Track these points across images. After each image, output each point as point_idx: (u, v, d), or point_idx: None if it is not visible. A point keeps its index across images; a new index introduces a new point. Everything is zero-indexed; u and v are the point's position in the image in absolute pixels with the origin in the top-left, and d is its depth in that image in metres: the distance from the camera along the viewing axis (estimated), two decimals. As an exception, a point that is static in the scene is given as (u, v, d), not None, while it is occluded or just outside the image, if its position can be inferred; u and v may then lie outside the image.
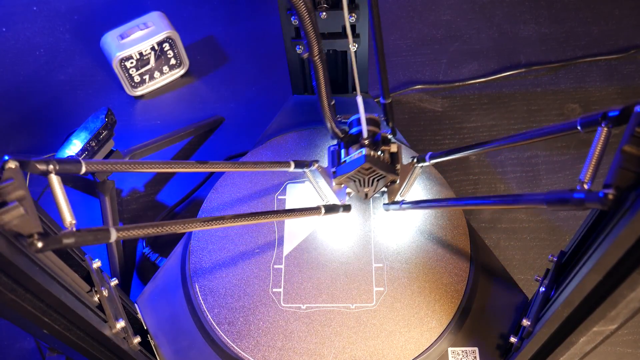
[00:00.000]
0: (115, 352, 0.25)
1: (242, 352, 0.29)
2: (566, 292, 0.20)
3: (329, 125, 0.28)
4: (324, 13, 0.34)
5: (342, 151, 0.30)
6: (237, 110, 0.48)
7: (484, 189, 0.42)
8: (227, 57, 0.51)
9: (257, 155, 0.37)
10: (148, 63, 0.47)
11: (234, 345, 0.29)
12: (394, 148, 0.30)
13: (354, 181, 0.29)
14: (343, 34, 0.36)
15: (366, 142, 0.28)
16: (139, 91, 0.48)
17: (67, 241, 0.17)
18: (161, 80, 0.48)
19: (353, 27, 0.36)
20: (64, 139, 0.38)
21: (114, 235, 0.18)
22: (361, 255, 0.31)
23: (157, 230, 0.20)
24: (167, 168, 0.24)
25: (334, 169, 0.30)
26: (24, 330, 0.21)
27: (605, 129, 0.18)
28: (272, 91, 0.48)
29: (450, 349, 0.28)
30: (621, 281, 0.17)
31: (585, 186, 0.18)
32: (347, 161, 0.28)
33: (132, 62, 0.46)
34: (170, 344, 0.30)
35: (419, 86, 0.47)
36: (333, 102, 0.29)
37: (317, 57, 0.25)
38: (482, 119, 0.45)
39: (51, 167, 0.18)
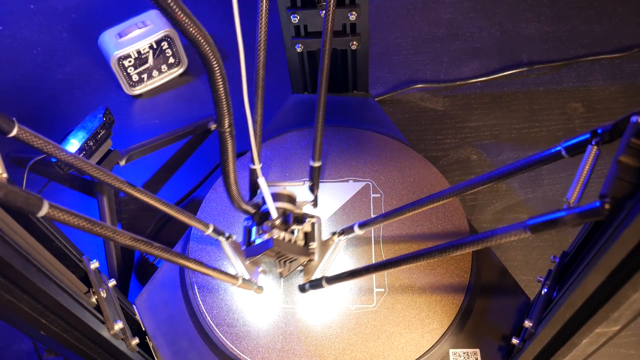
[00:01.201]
0: (113, 353, 0.25)
1: (241, 354, 0.28)
2: (569, 293, 0.20)
3: (236, 205, 0.25)
4: (324, 12, 0.34)
5: (254, 229, 0.28)
6: (236, 110, 0.48)
7: (485, 189, 0.42)
8: (226, 56, 0.51)
9: (256, 155, 0.36)
10: (146, 62, 0.46)
11: (233, 347, 0.29)
12: (307, 227, 0.28)
13: (266, 262, 0.28)
14: (343, 33, 0.36)
15: (277, 222, 0.26)
16: (137, 90, 0.48)
17: None
18: (159, 79, 0.48)
19: (353, 25, 0.36)
20: (62, 139, 0.38)
21: (45, 208, 0.17)
22: (361, 255, 0.31)
23: (89, 226, 0.19)
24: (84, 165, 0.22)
25: (244, 248, 0.28)
26: (20, 332, 0.20)
27: (595, 147, 0.18)
28: (272, 90, 0.48)
29: (451, 351, 0.28)
30: (624, 282, 0.17)
31: (572, 206, 0.17)
32: (256, 242, 0.27)
33: (130, 61, 0.46)
34: (168, 346, 0.30)
35: (420, 85, 0.47)
36: (259, 166, 0.25)
37: (227, 129, 0.21)
38: (484, 119, 0.45)
39: None
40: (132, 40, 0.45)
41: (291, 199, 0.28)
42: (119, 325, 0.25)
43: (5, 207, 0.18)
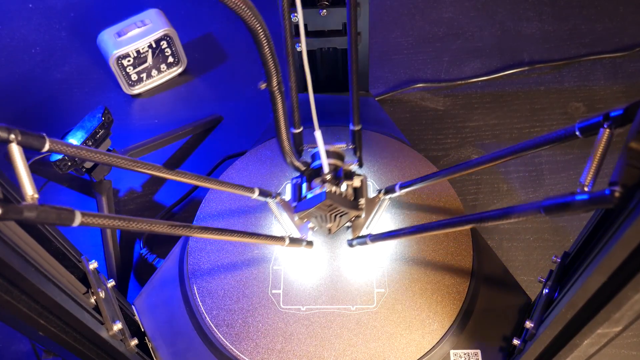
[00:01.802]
0: (112, 354, 0.25)
1: (240, 355, 0.28)
2: (570, 294, 0.20)
3: (288, 160, 0.27)
4: (324, 10, 0.34)
5: (304, 185, 0.28)
6: (235, 109, 0.48)
7: (486, 189, 0.41)
8: (226, 55, 0.50)
9: (256, 155, 0.36)
10: (145, 61, 0.46)
11: (232, 348, 0.28)
12: (357, 183, 0.28)
13: (316, 217, 0.28)
14: (343, 32, 0.35)
15: (327, 177, 0.27)
16: (136, 90, 0.47)
17: (29, 214, 0.16)
18: (159, 78, 0.48)
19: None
20: (60, 138, 0.37)
21: (78, 219, 0.17)
22: (362, 256, 0.31)
23: (122, 224, 0.19)
24: (132, 165, 0.23)
25: (294, 204, 0.29)
26: (19, 332, 0.20)
27: (608, 130, 0.18)
28: (272, 90, 0.48)
29: (452, 352, 0.28)
30: (626, 282, 0.16)
31: (586, 189, 0.17)
32: (308, 197, 0.27)
33: (129, 60, 0.45)
34: (167, 346, 0.30)
35: (421, 84, 0.46)
36: (300, 129, 0.27)
37: (275, 88, 0.23)
38: (485, 118, 0.45)
39: (12, 136, 0.17)
40: (131, 39, 0.45)
41: (341, 156, 0.28)
42: (117, 326, 0.25)
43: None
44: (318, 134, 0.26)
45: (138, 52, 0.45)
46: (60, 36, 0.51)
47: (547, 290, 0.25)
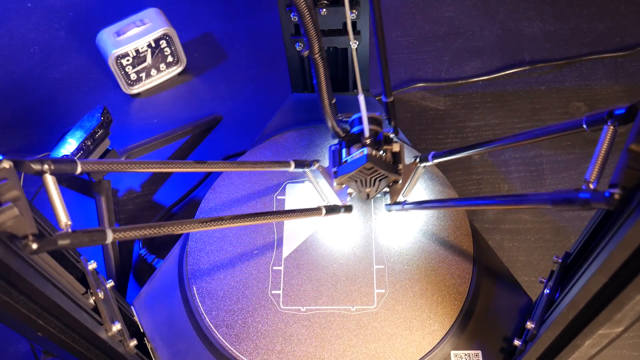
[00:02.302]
0: (111, 355, 0.25)
1: (240, 356, 0.28)
2: (571, 294, 0.20)
3: (330, 124, 0.28)
4: (324, 10, 0.33)
5: (344, 151, 0.29)
6: (235, 109, 0.48)
7: (488, 189, 0.41)
8: (226, 54, 0.50)
9: (256, 155, 0.36)
10: (145, 60, 0.46)
11: (232, 349, 0.28)
12: (396, 147, 0.29)
13: (356, 181, 0.29)
14: (343, 31, 0.35)
15: (368, 141, 0.28)
16: (136, 89, 0.47)
17: (63, 242, 0.16)
18: (158, 78, 0.48)
19: (354, 23, 0.35)
20: (59, 138, 0.37)
21: (110, 237, 0.18)
22: (362, 256, 0.31)
23: (154, 231, 0.20)
24: (164, 168, 0.24)
25: (335, 169, 0.29)
26: (18, 333, 0.20)
27: (612, 127, 0.18)
28: (271, 89, 0.48)
29: (452, 352, 0.28)
30: (627, 283, 0.16)
31: (591, 186, 0.18)
32: (349, 161, 0.28)
33: (128, 60, 0.45)
34: (167, 347, 0.30)
35: (421, 84, 0.46)
36: (334, 101, 0.28)
37: (317, 55, 0.24)
38: (486, 118, 0.44)
39: (46, 167, 0.18)
40: (130, 38, 0.44)
41: (379, 123, 0.29)
42: (117, 327, 0.25)
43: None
44: (361, 97, 0.26)
45: (137, 51, 0.45)
46: (59, 35, 0.51)
47: (548, 291, 0.25)
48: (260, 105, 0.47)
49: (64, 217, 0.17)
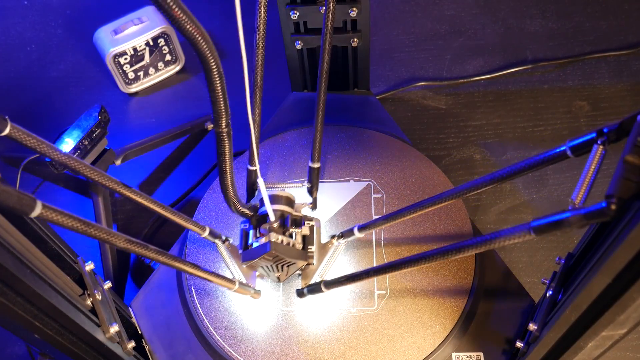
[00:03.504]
0: (109, 357, 0.25)
1: (239, 357, 0.28)
2: (574, 296, 0.20)
3: (232, 208, 0.25)
4: (324, 8, 0.33)
5: (251, 232, 0.27)
6: (234, 108, 0.47)
7: (489, 189, 0.41)
8: (224, 53, 0.50)
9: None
10: (142, 59, 0.45)
11: (231, 350, 0.28)
12: (305, 231, 0.27)
13: (263, 267, 0.27)
14: (344, 29, 0.35)
15: (274, 225, 0.26)
16: (133, 88, 0.47)
17: None
18: (156, 76, 0.47)
19: (354, 22, 0.35)
20: (56, 138, 0.37)
21: (38, 209, 0.16)
22: (362, 257, 0.30)
23: (83, 227, 0.18)
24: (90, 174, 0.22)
25: (241, 252, 0.27)
26: (14, 335, 0.20)
27: (601, 147, 0.18)
28: (271, 88, 0.47)
29: (454, 354, 0.28)
30: (631, 284, 0.16)
31: (577, 206, 0.17)
32: (254, 246, 0.26)
33: (126, 58, 0.45)
34: (165, 349, 0.29)
35: (422, 83, 0.46)
36: (256, 168, 0.25)
37: (224, 130, 0.21)
38: (488, 117, 0.44)
39: None
40: (128, 37, 0.44)
41: (289, 202, 0.27)
42: (114, 329, 0.25)
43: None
44: (260, 181, 0.25)
45: (135, 50, 0.45)
46: (56, 34, 0.51)
47: (550, 292, 0.24)
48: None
49: None
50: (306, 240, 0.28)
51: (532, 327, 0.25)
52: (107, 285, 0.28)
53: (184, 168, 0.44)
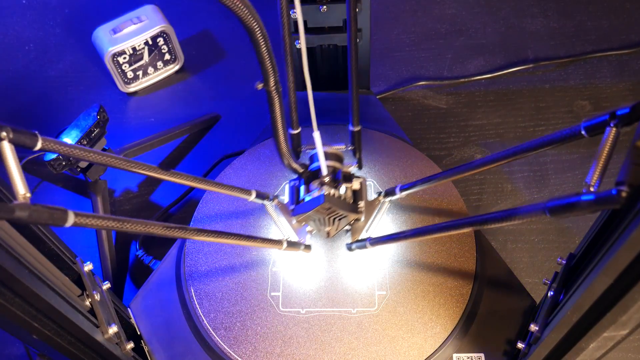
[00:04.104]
0: (108, 358, 0.25)
1: (239, 359, 0.28)
2: (575, 296, 0.20)
3: (285, 162, 0.26)
4: (324, 7, 0.33)
5: (302, 188, 0.28)
6: (234, 107, 0.47)
7: (490, 189, 0.41)
8: (224, 52, 0.50)
9: (254, 154, 0.36)
10: (141, 58, 0.45)
11: (230, 351, 0.28)
12: (356, 185, 0.27)
13: (314, 220, 0.28)
14: (343, 28, 0.35)
15: (326, 179, 0.26)
16: (132, 87, 0.47)
17: (21, 214, 0.15)
18: (155, 76, 0.47)
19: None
20: (55, 137, 0.36)
21: (71, 219, 0.17)
22: (363, 257, 0.30)
23: (118, 225, 0.19)
24: (124, 165, 0.23)
25: (292, 207, 0.28)
26: (12, 336, 0.20)
27: (614, 129, 0.18)
28: (271, 87, 0.47)
29: (455, 355, 0.28)
30: (633, 284, 0.16)
31: (592, 189, 0.17)
32: (306, 200, 0.26)
33: (124, 58, 0.44)
34: (164, 350, 0.29)
35: (423, 82, 0.46)
36: (299, 130, 0.27)
37: (273, 88, 0.22)
38: (489, 117, 0.44)
39: (4, 134, 0.17)
40: (127, 36, 0.44)
41: (339, 158, 0.28)
42: (113, 329, 0.24)
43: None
44: (317, 135, 0.25)
45: (134, 49, 0.44)
46: (55, 33, 0.50)
47: (552, 293, 0.24)
48: (259, 103, 0.46)
49: (22, 189, 0.16)
50: (356, 195, 0.28)
51: (533, 327, 0.24)
52: (106, 285, 0.27)
53: (183, 168, 0.44)
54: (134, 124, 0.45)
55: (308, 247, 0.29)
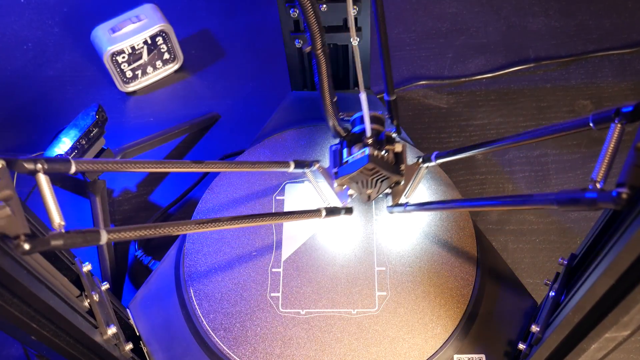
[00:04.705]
0: (106, 359, 0.24)
1: (238, 360, 0.28)
2: (577, 297, 0.20)
3: (331, 123, 0.27)
4: (324, 5, 0.33)
5: (345, 151, 0.29)
6: (233, 107, 0.47)
7: (491, 189, 0.41)
8: (223, 51, 0.49)
9: (254, 154, 0.35)
10: (140, 58, 0.45)
11: (230, 353, 0.28)
12: (398, 147, 0.28)
13: (357, 183, 0.28)
14: (344, 27, 0.35)
15: (369, 141, 0.27)
16: (131, 87, 0.46)
17: (56, 243, 0.16)
18: (154, 75, 0.47)
19: (355, 20, 0.35)
20: (53, 137, 0.36)
21: (104, 237, 0.18)
22: (363, 258, 0.30)
23: (150, 232, 0.19)
24: (161, 167, 0.24)
25: (335, 170, 0.28)
26: (10, 337, 0.20)
27: (619, 125, 0.18)
28: (270, 87, 0.47)
29: (456, 356, 0.28)
30: (635, 285, 0.16)
31: (598, 185, 0.17)
32: (350, 161, 0.27)
33: (123, 57, 0.44)
34: (163, 351, 0.29)
35: (424, 82, 0.45)
36: (335, 99, 0.28)
37: (320, 51, 0.24)
38: (490, 116, 0.44)
39: (39, 166, 0.18)
40: (126, 35, 0.43)
41: (382, 122, 0.28)
42: (112, 330, 0.24)
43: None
44: (363, 95, 0.26)
45: (133, 48, 0.44)
46: (53, 32, 0.50)
47: (553, 293, 0.24)
48: (258, 103, 0.46)
49: (57, 217, 0.17)
50: (397, 158, 0.28)
51: (534, 328, 0.24)
52: (105, 286, 0.27)
53: (182, 168, 0.44)
54: (133, 123, 0.45)
55: (349, 210, 0.30)
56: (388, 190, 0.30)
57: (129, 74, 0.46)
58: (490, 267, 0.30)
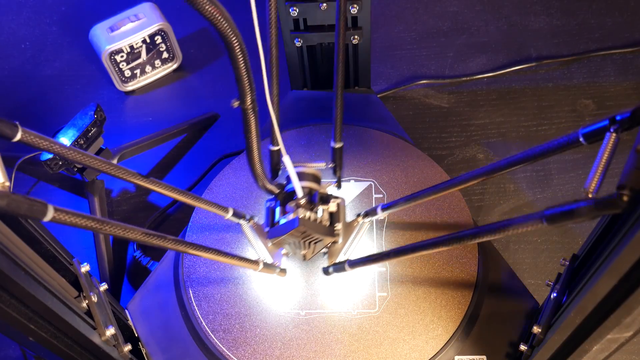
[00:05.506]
0: (105, 360, 0.24)
1: (237, 361, 0.28)
2: (579, 298, 0.19)
3: (260, 184, 0.25)
4: (324, 4, 0.32)
5: (278, 210, 0.27)
6: (230, 109, 0.46)
7: (493, 189, 0.40)
8: (223, 50, 0.49)
9: (253, 154, 0.35)
10: (139, 57, 0.45)
11: (229, 354, 0.28)
12: (333, 207, 0.27)
13: (289, 244, 0.27)
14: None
15: (302, 201, 0.25)
16: (130, 86, 0.46)
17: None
18: (153, 74, 0.47)
19: (355, 19, 0.34)
20: (51, 137, 0.36)
21: (50, 213, 0.16)
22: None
23: (97, 226, 0.18)
24: (104, 167, 0.22)
25: (267, 229, 0.27)
26: (8, 338, 0.20)
27: (614, 134, 0.17)
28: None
29: (457, 357, 0.27)
30: (637, 286, 0.16)
31: (590, 195, 0.17)
32: (281, 223, 0.26)
33: (122, 56, 0.44)
34: (162, 352, 0.29)
35: (424, 81, 0.45)
36: (278, 147, 0.26)
37: (249, 107, 0.21)
38: (491, 116, 0.43)
39: None
40: (125, 34, 0.43)
41: (316, 179, 0.27)
42: (110, 331, 0.24)
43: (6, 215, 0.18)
44: (286, 159, 0.25)
45: (131, 47, 0.44)
46: (51, 31, 0.50)
47: (555, 294, 0.24)
48: (258, 102, 0.46)
49: (1, 177, 0.16)
50: (333, 217, 0.27)
51: (536, 329, 0.24)
52: (103, 287, 0.27)
53: (181, 167, 0.43)
54: (131, 123, 0.45)
55: (283, 270, 0.28)
56: (325, 250, 0.28)
57: (127, 73, 0.45)
58: (492, 267, 0.30)
